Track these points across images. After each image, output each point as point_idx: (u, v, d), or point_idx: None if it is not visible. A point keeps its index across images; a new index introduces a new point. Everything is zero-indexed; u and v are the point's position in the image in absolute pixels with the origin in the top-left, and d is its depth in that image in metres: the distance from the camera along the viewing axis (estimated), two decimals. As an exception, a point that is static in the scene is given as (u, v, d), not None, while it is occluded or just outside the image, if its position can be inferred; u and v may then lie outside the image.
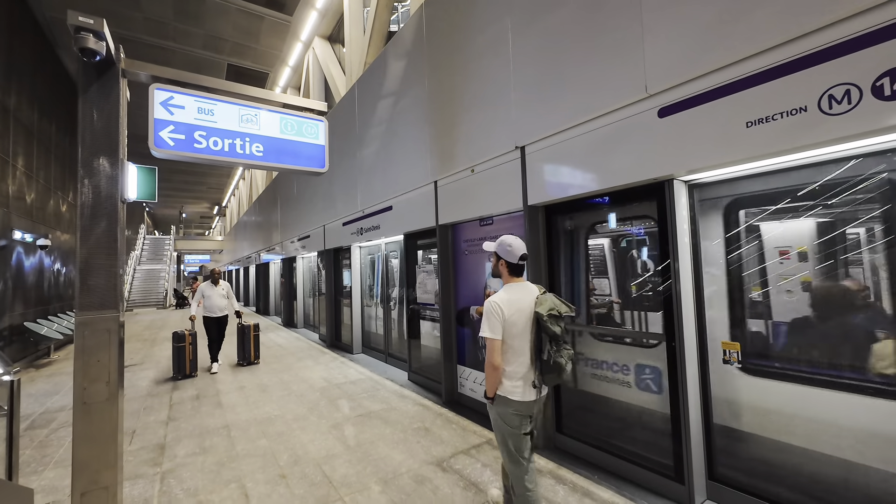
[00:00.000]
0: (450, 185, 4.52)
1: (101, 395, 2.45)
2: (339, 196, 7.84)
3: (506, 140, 3.69)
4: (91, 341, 2.45)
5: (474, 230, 4.38)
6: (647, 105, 2.57)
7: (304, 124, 3.41)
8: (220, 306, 6.63)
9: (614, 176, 2.82)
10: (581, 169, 3.05)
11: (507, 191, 3.72)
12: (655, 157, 2.56)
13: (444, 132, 4.61)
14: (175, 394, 5.37)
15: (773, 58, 2.04)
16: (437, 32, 4.73)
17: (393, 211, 5.76)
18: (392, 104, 5.78)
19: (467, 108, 4.22)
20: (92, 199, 2.54)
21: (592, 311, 3.32)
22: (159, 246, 29.93)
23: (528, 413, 2.10)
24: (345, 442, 3.69)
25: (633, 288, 3.15)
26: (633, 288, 3.15)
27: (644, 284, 3.06)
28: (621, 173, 2.77)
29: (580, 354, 3.31)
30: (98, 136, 2.56)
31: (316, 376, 6.07)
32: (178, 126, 2.86)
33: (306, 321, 11.55)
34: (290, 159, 3.32)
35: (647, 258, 3.08)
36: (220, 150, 3.01)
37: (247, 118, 3.14)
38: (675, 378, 2.54)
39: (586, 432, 3.25)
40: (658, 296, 2.81)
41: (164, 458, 3.49)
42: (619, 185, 2.80)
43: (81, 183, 2.52)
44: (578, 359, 3.30)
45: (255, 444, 3.72)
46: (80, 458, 2.38)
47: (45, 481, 3.15)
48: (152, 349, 8.93)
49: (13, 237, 7.57)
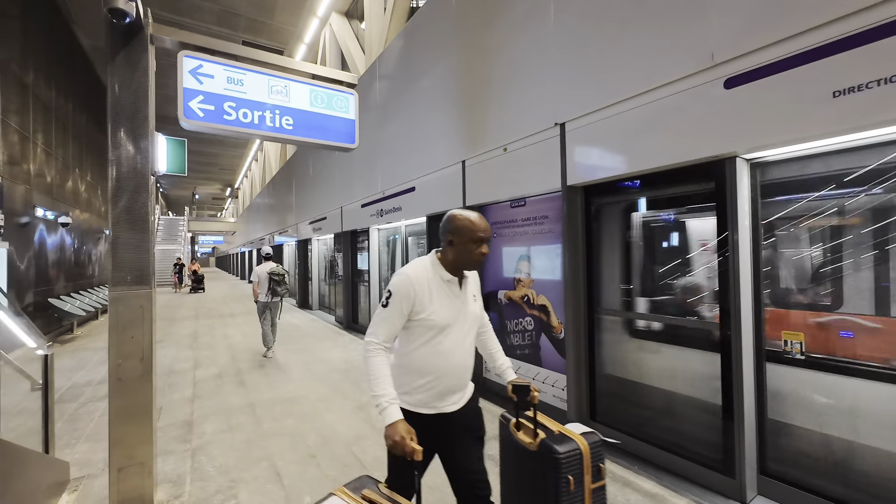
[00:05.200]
0: (479, 164, 4.36)
1: (136, 371, 2.40)
2: (357, 177, 7.71)
3: (544, 117, 3.51)
4: (125, 317, 2.39)
5: (504, 212, 4.23)
6: (711, 75, 2.37)
7: (335, 97, 3.26)
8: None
9: (665, 154, 2.64)
10: (628, 146, 2.86)
11: (543, 171, 3.55)
12: (717, 132, 2.37)
13: (473, 110, 4.42)
14: (197, 372, 5.41)
15: (874, 17, 1.82)
16: (469, 3, 4.49)
17: (416, 192, 5.62)
18: (416, 81, 5.57)
19: (501, 84, 4.02)
20: (122, 172, 2.45)
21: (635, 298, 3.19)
22: (173, 226, 30.27)
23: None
24: (372, 424, 3.65)
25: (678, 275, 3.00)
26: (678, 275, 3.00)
27: (692, 271, 2.90)
28: (674, 151, 2.58)
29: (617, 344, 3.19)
30: (126, 107, 2.45)
31: (335, 357, 6.06)
32: (207, 96, 2.73)
33: (321, 303, 11.60)
34: (319, 134, 3.18)
35: (697, 243, 2.92)
36: (250, 122, 2.88)
37: (276, 89, 3.00)
38: (729, 369, 2.41)
39: (622, 420, 3.15)
40: (708, 282, 2.66)
41: (192, 434, 3.50)
42: (670, 164, 2.62)
43: (111, 156, 2.42)
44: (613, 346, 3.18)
45: (282, 423, 3.71)
46: (117, 433, 2.35)
47: (77, 454, 3.17)
48: (171, 327, 9.04)
49: (35, 214, 7.61)
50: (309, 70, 3.19)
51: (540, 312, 3.79)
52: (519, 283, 4.03)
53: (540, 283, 3.80)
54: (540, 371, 3.80)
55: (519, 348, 4.04)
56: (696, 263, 2.85)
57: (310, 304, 11.98)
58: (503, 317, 4.24)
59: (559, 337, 3.60)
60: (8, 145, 6.58)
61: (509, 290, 4.15)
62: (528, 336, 3.92)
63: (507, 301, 4.18)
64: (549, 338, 3.69)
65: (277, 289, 6.07)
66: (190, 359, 6.13)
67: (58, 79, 9.24)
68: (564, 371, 3.53)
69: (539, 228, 3.79)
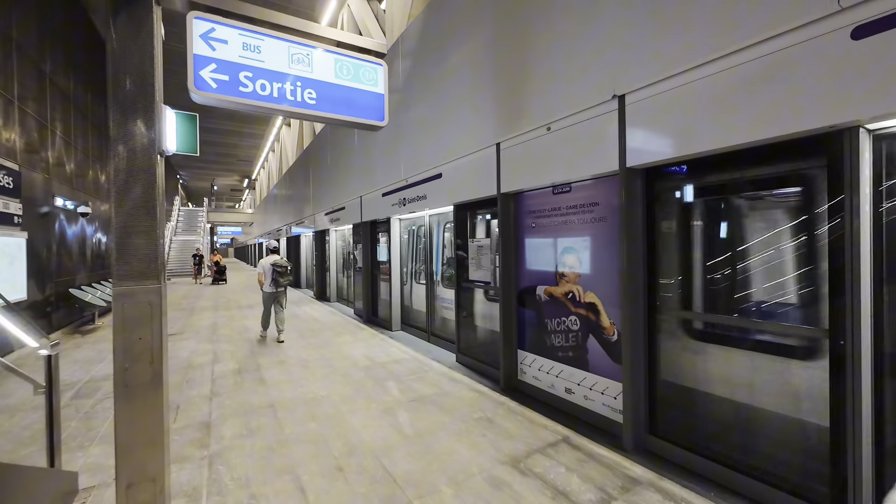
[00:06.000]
0: (517, 147, 3.94)
1: (145, 377, 2.12)
2: (378, 165, 7.37)
3: (598, 88, 3.07)
4: (131, 315, 2.11)
5: (545, 199, 3.82)
6: (834, 23, 1.91)
7: (362, 68, 2.90)
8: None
9: (759, 127, 2.19)
10: (708, 118, 2.42)
11: (595, 151, 3.13)
12: (835, 95, 1.92)
13: (511, 86, 3.99)
14: (216, 367, 5.21)
15: None
16: (504, -34, 4.04)
17: (442, 179, 5.24)
18: (443, 59, 5.16)
19: (544, 56, 3.58)
20: (126, 151, 2.14)
21: (710, 299, 2.76)
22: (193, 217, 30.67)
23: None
24: (401, 430, 3.34)
25: (759, 271, 2.55)
26: (759, 271, 2.55)
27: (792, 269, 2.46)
28: (774, 122, 2.13)
29: (682, 348, 2.78)
30: (130, 73, 2.13)
31: (357, 353, 5.80)
32: (220, 65, 2.40)
33: (339, 295, 11.40)
34: (344, 109, 2.83)
35: (801, 236, 2.47)
36: (269, 95, 2.55)
37: (298, 58, 2.65)
38: (842, 384, 1.99)
39: (689, 437, 2.75)
40: (811, 283, 2.23)
41: (210, 438, 3.25)
42: (766, 138, 2.17)
43: (113, 132, 2.12)
44: (676, 350, 2.77)
45: (305, 427, 3.43)
46: (124, 445, 2.08)
47: (90, 458, 2.95)
48: (191, 318, 8.95)
49: (55, 204, 7.54)
50: (333, 37, 2.83)
51: (587, 311, 3.39)
52: (562, 279, 3.63)
53: (588, 279, 3.40)
54: (586, 376, 3.42)
55: (561, 350, 3.66)
56: (784, 257, 2.40)
57: (327, 296, 11.80)
58: (542, 315, 3.86)
59: (611, 339, 3.21)
60: (25, 132, 6.45)
61: (550, 285, 3.76)
62: (573, 337, 3.54)
63: (547, 298, 3.79)
64: (599, 340, 3.30)
65: (280, 279, 6.45)
66: (209, 352, 5.95)
67: (77, 68, 9.12)
68: (617, 377, 3.15)
69: (587, 217, 3.38)
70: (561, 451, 2.98)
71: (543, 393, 3.85)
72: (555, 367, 3.73)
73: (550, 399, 3.76)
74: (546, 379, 3.83)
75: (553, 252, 3.73)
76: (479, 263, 4.78)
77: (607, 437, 3.14)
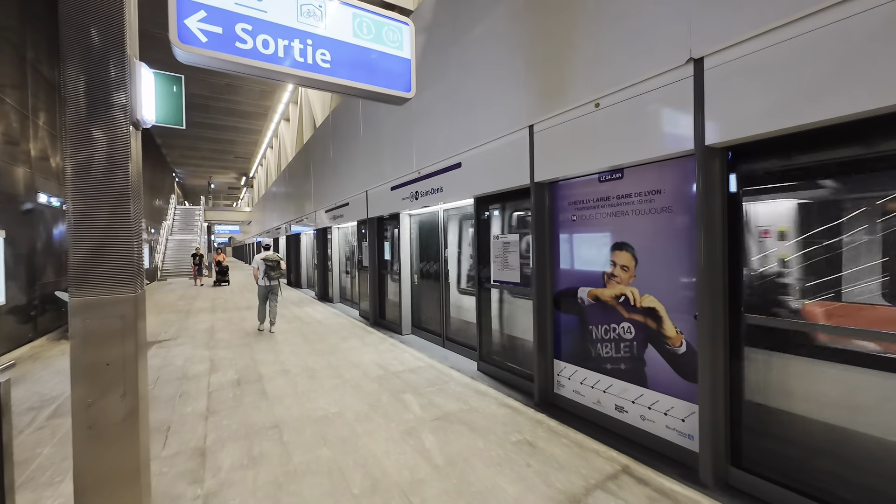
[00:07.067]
0: (555, 128, 3.44)
1: (115, 415, 1.62)
2: (386, 156, 6.85)
3: (666, 52, 2.57)
4: (96, 333, 1.60)
5: (589, 189, 3.33)
6: None
7: (385, 27, 2.39)
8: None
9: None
10: (833, 78, 1.92)
11: (660, 128, 2.63)
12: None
13: (548, 59, 3.48)
14: (214, 377, 4.71)
15: None
16: (538, -78, 3.52)
17: (462, 169, 4.74)
18: (464, 31, 4.64)
19: (590, 18, 3.08)
20: (89, 120, 1.64)
21: (799, 301, 2.27)
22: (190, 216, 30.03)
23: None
24: (429, 458, 2.86)
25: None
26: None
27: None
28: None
29: (777, 365, 2.30)
30: (91, 17, 1.62)
31: (367, 360, 5.30)
32: (211, 13, 1.89)
33: (342, 295, 10.90)
34: (364, 75, 2.33)
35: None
36: (273, 54, 2.04)
37: (308, 10, 2.14)
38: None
39: (784, 472, 2.27)
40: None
41: (205, 470, 2.76)
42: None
43: (68, 94, 1.62)
44: (769, 366, 2.28)
45: (316, 454, 2.95)
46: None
47: (60, 500, 2.45)
48: (187, 321, 8.44)
49: (38, 200, 7.00)
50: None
51: (645, 317, 2.91)
52: (611, 280, 3.14)
53: (645, 280, 2.91)
54: (644, 392, 2.93)
55: (610, 361, 3.17)
56: None
57: (330, 297, 11.30)
58: (585, 321, 3.37)
59: (677, 350, 2.72)
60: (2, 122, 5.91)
61: (595, 287, 3.27)
62: (626, 347, 3.05)
63: (591, 301, 3.30)
64: (661, 351, 2.82)
65: (271, 273, 7.09)
66: (205, 359, 5.45)
67: (61, 55, 8.55)
68: (684, 395, 2.66)
69: (647, 207, 2.88)
70: (624, 485, 2.49)
71: (587, 410, 3.36)
72: (602, 380, 3.25)
73: (596, 417, 3.28)
74: (591, 394, 3.34)
75: (600, 249, 3.24)
76: (505, 262, 4.29)
77: (677, 468, 2.66)
